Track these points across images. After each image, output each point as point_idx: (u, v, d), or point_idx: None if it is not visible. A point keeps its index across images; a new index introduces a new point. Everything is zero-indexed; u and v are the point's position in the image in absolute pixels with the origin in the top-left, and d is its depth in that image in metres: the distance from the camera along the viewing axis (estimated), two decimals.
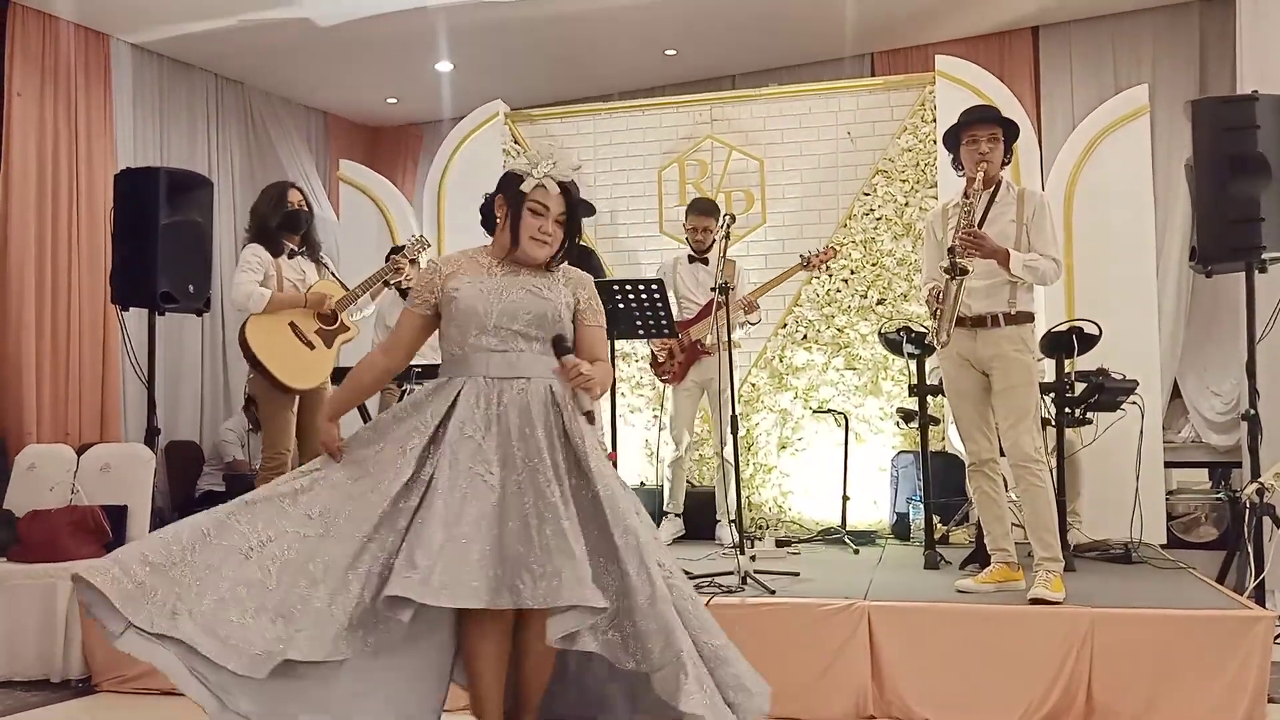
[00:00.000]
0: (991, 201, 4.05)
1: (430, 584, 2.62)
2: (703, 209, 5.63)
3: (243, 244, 4.92)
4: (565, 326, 2.92)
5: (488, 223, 3.18)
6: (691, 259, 5.66)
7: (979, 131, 4.06)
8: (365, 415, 5.99)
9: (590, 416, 2.82)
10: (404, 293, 6.07)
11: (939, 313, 4.01)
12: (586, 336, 2.97)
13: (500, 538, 2.74)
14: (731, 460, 5.43)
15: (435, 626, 2.86)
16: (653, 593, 2.67)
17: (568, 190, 2.93)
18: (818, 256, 5.49)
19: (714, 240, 5.59)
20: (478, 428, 2.82)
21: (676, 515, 5.72)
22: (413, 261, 5.20)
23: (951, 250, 3.91)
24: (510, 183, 2.95)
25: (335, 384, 5.72)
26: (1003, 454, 4.10)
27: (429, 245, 5.27)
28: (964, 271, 3.90)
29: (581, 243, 5.27)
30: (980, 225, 4.02)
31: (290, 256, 4.91)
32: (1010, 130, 4.11)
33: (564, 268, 3.04)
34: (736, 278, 5.60)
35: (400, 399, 5.83)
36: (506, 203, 2.95)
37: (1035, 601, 3.74)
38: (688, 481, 5.97)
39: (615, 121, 6.88)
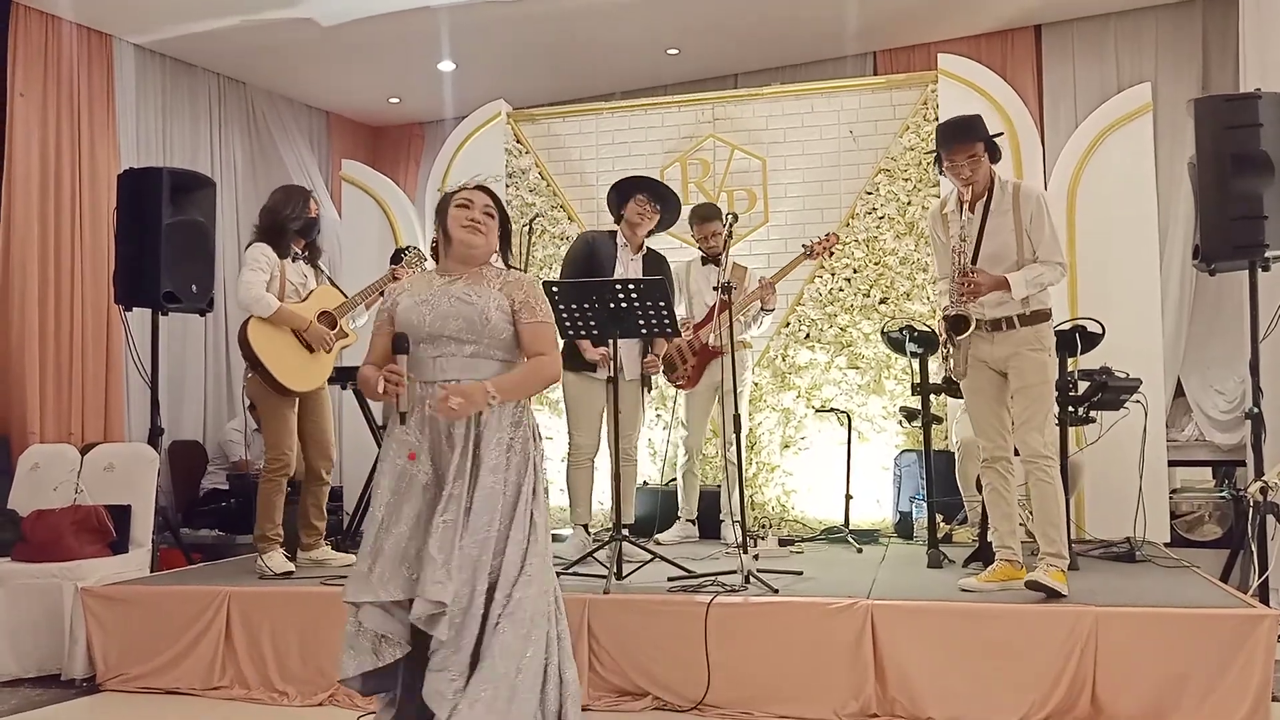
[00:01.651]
0: (987, 211, 4.04)
1: (370, 582, 2.93)
2: (705, 215, 5.64)
3: (248, 241, 4.93)
4: (497, 327, 3.09)
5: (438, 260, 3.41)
6: (705, 261, 5.67)
7: (956, 156, 4.05)
8: (370, 420, 6.01)
9: (402, 417, 3.01)
10: None
11: (950, 356, 4.10)
12: (524, 333, 3.13)
13: (429, 529, 2.97)
14: (735, 460, 5.45)
15: None
16: (466, 605, 2.91)
17: (485, 188, 3.20)
18: (820, 243, 5.51)
19: (726, 240, 5.63)
20: (414, 432, 3.06)
21: (690, 520, 5.73)
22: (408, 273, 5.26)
23: (946, 319, 4.05)
24: (439, 202, 3.24)
25: (343, 386, 5.75)
26: (1018, 453, 4.09)
27: (425, 259, 5.30)
28: (966, 327, 4.00)
29: (657, 253, 5.34)
30: (980, 241, 4.04)
31: (294, 260, 4.92)
32: (985, 138, 4.05)
33: (504, 271, 3.24)
34: (746, 280, 5.61)
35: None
36: (438, 218, 3.22)
37: (1032, 585, 3.76)
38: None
39: (617, 120, 6.88)
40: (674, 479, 5.84)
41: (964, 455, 5.07)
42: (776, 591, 3.98)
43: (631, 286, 4.43)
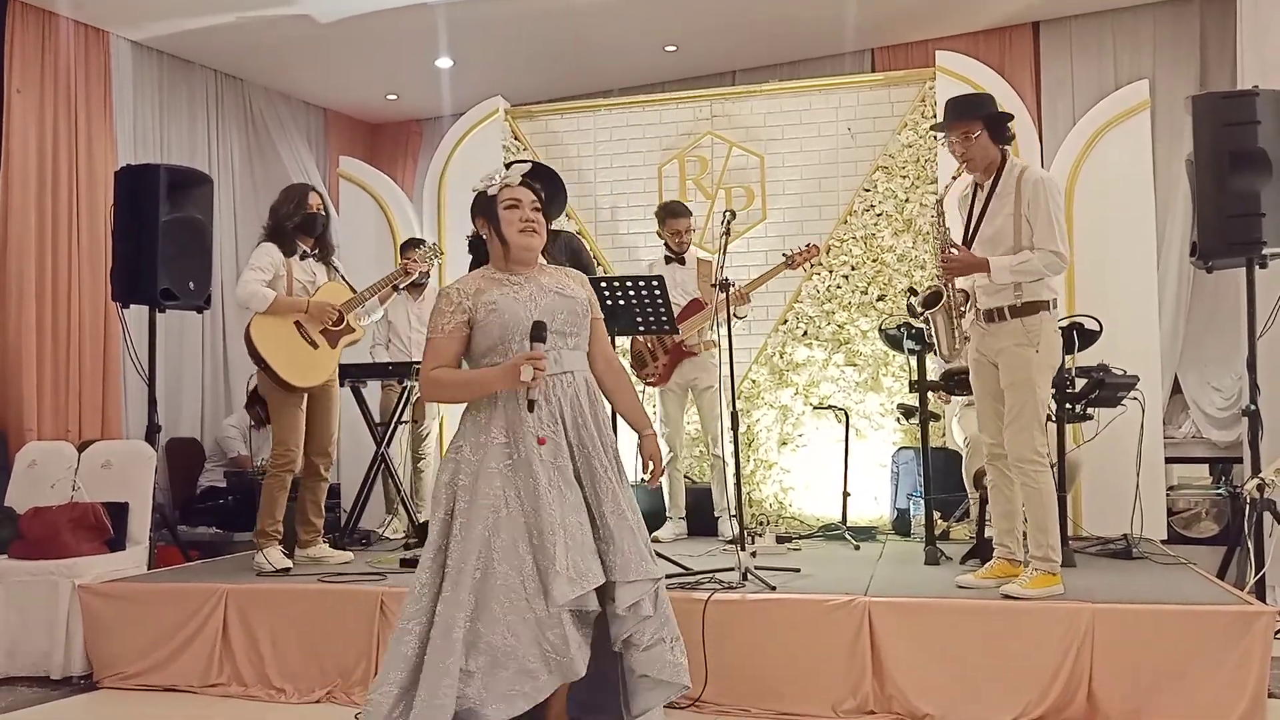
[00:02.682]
0: (991, 193, 4.00)
1: (572, 577, 2.93)
2: (672, 211, 5.67)
3: (257, 241, 4.93)
4: (587, 320, 3.19)
5: (477, 255, 3.28)
6: (669, 260, 5.66)
7: (950, 133, 4.04)
8: (368, 417, 6.01)
9: (531, 405, 3.00)
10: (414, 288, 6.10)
11: (935, 337, 4.10)
12: (597, 328, 3.26)
13: (599, 518, 3.08)
14: (722, 457, 5.45)
15: None
16: None
17: (528, 183, 3.17)
18: (800, 254, 5.48)
19: (690, 241, 5.63)
20: (548, 426, 3.05)
21: (680, 518, 5.72)
22: (422, 274, 5.27)
23: (912, 290, 4.09)
24: (481, 202, 3.17)
25: (341, 383, 5.73)
26: None
27: (442, 254, 5.27)
28: (935, 302, 4.02)
29: (569, 232, 5.30)
30: (980, 221, 4.02)
31: (302, 258, 4.92)
32: (985, 116, 4.00)
33: (564, 268, 3.32)
34: (716, 277, 5.59)
35: (401, 395, 5.84)
36: (484, 217, 3.16)
37: (1005, 596, 3.77)
38: (687, 478, 5.98)
39: (615, 117, 6.87)
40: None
41: (971, 451, 5.06)
42: (774, 589, 3.98)
43: (630, 284, 4.44)
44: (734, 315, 5.45)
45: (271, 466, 4.88)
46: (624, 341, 5.87)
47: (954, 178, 4.13)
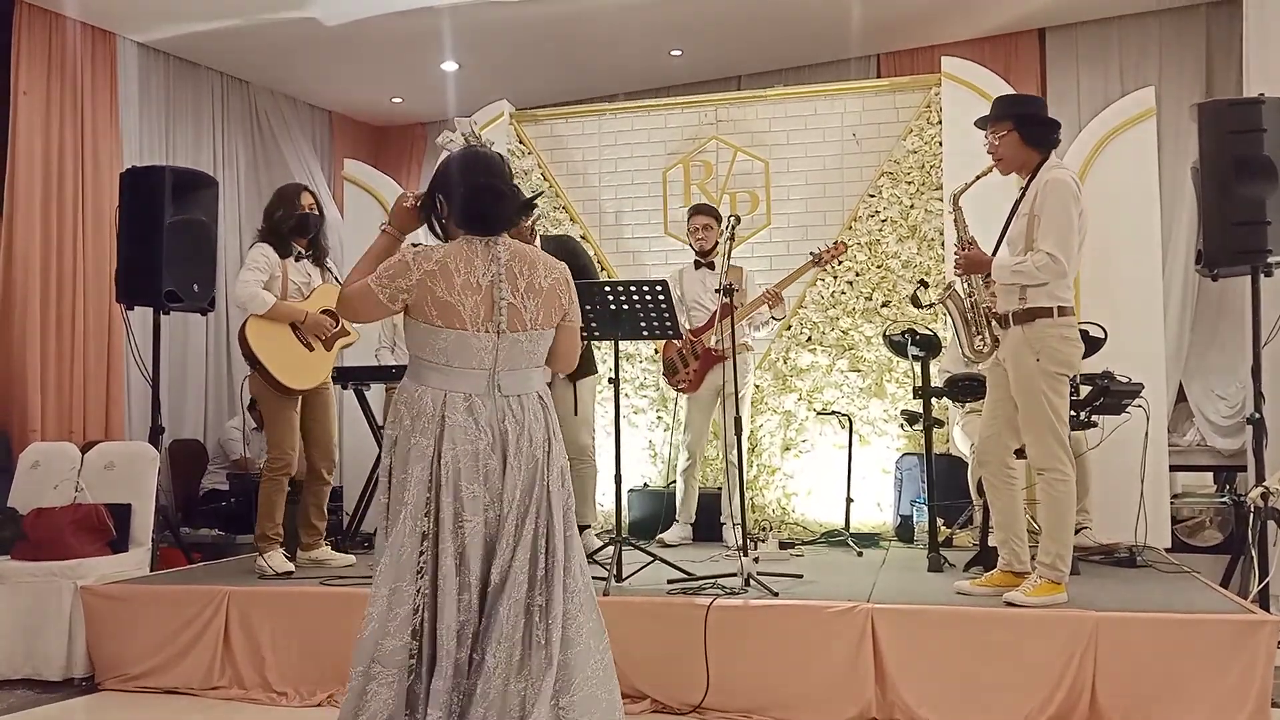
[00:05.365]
0: (1023, 195, 4.00)
1: None
2: (703, 209, 5.71)
3: (251, 242, 4.94)
4: None
5: (499, 222, 2.97)
6: (698, 265, 5.67)
7: (986, 135, 4.07)
8: (370, 420, 6.01)
9: None
10: None
11: (958, 333, 4.14)
12: None
13: None
14: (738, 463, 5.43)
15: None
16: None
17: None
18: (828, 251, 5.51)
19: (717, 242, 5.61)
20: None
21: (688, 522, 5.73)
22: None
23: (922, 283, 4.21)
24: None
25: (344, 385, 5.73)
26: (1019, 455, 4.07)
27: None
28: (945, 296, 4.08)
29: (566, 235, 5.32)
30: (1009, 221, 4.04)
31: (297, 259, 4.92)
32: (1016, 116, 4.00)
33: None
34: (744, 281, 5.62)
35: None
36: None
37: (1007, 604, 3.76)
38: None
39: (620, 122, 6.87)
40: (674, 481, 5.83)
41: (977, 459, 5.05)
42: (776, 594, 3.97)
43: (634, 288, 4.43)
44: (773, 318, 5.51)
45: (267, 470, 4.88)
46: (644, 347, 5.80)
47: (978, 177, 4.10)
